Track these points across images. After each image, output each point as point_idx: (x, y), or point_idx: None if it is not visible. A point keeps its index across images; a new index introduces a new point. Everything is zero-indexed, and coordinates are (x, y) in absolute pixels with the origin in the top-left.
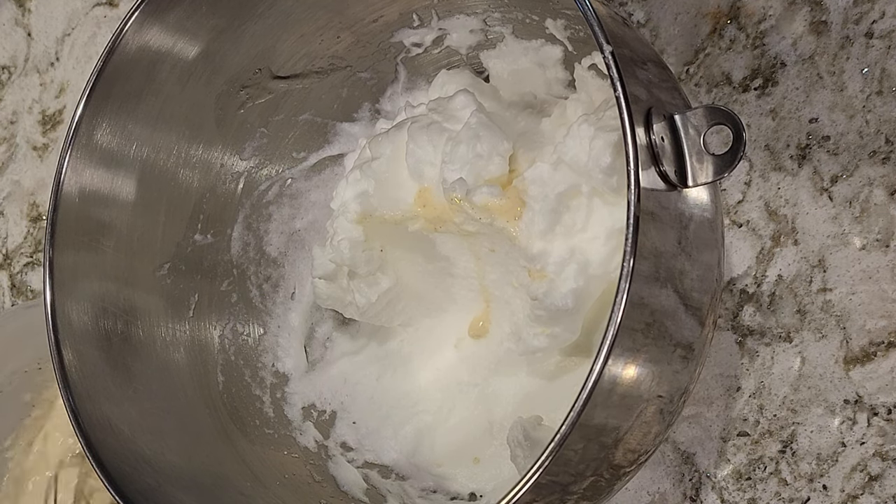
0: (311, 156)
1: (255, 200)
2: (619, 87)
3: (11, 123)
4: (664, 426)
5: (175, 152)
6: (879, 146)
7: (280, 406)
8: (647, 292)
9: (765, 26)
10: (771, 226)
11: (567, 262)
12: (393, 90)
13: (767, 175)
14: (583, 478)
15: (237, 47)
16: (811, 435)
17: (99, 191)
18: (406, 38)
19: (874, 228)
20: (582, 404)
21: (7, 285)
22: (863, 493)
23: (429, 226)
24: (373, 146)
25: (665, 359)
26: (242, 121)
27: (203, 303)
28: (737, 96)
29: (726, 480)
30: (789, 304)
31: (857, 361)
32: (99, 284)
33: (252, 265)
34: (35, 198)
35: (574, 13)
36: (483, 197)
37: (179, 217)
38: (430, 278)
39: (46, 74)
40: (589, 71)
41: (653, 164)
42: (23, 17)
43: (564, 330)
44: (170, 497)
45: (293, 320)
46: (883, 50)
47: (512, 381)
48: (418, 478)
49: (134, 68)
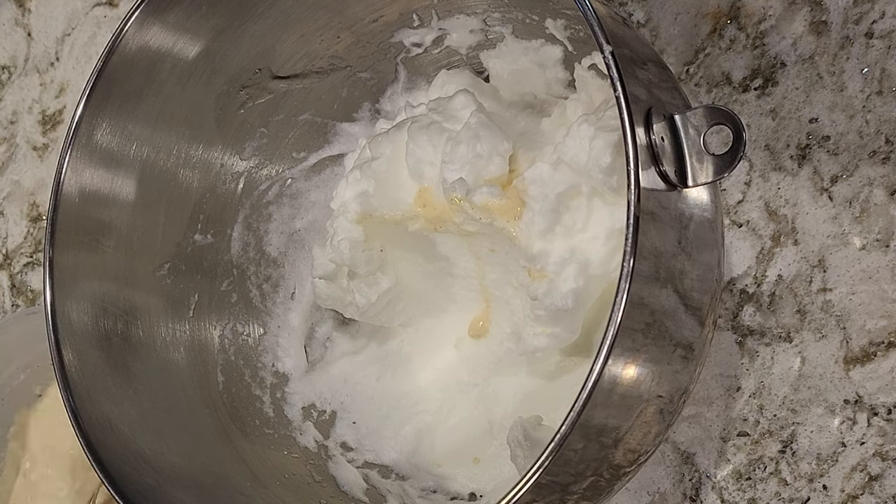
0: (311, 156)
1: (255, 200)
2: (619, 87)
3: (11, 123)
4: (664, 426)
5: (175, 152)
6: (879, 146)
7: (280, 406)
8: (647, 292)
9: (765, 26)
10: (771, 226)
11: (567, 262)
12: (393, 90)
13: (767, 175)
14: (583, 478)
15: (237, 47)
16: (811, 435)
17: (99, 191)
18: (406, 38)
19: (874, 228)
20: (582, 404)
21: (7, 285)
22: (863, 493)
23: (429, 226)
24: (373, 146)
25: (665, 359)
26: (242, 121)
27: (203, 303)
28: (737, 96)
29: (726, 480)
30: (789, 304)
31: (857, 361)
32: (99, 284)
33: (252, 265)
34: (35, 198)
35: (574, 13)
36: (483, 197)
37: (179, 217)
38: (430, 278)
39: (46, 74)
40: (589, 71)
41: (653, 164)
42: (23, 17)
43: (564, 330)
44: (170, 497)
45: (293, 320)
46: (883, 50)
47: (512, 381)
48: (418, 478)
49: (134, 68)
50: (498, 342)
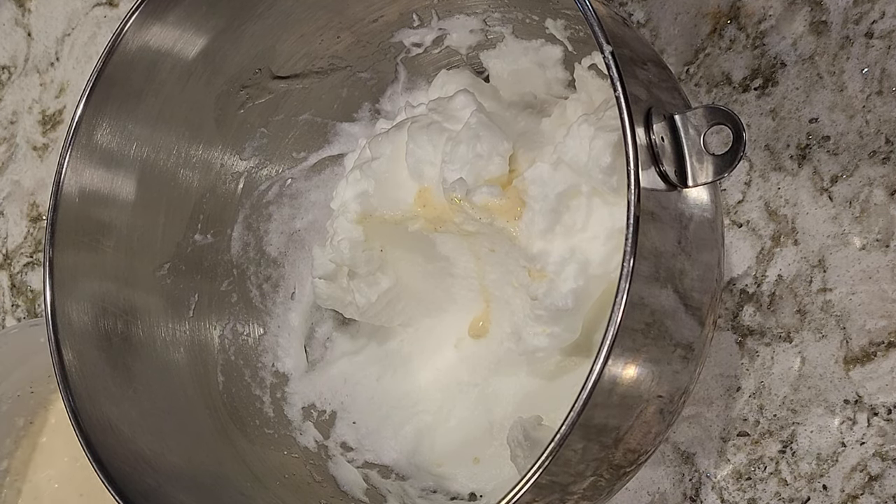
0: (311, 156)
1: (255, 200)
2: (618, 86)
3: (11, 123)
4: (664, 426)
5: (175, 152)
6: (879, 146)
7: (280, 406)
8: (647, 292)
9: (765, 26)
10: (771, 226)
11: (567, 261)
12: (393, 90)
13: (767, 175)
14: (583, 478)
15: (237, 47)
16: (811, 435)
17: (99, 191)
18: (406, 38)
19: (874, 228)
20: (582, 404)
21: (7, 285)
22: (863, 493)
23: (429, 226)
24: (373, 146)
25: (665, 359)
26: (242, 121)
27: (203, 303)
28: (737, 96)
29: (726, 480)
30: (789, 304)
31: (857, 361)
32: (99, 284)
33: (252, 265)
34: (35, 198)
35: (574, 13)
36: (483, 197)
37: (179, 217)
38: (430, 278)
39: (46, 74)
40: (589, 71)
41: (653, 163)
42: (23, 17)
43: (564, 330)
44: (170, 497)
45: (293, 320)
46: (883, 50)
47: (512, 381)
48: (418, 478)
49: (134, 68)
50: (498, 342)
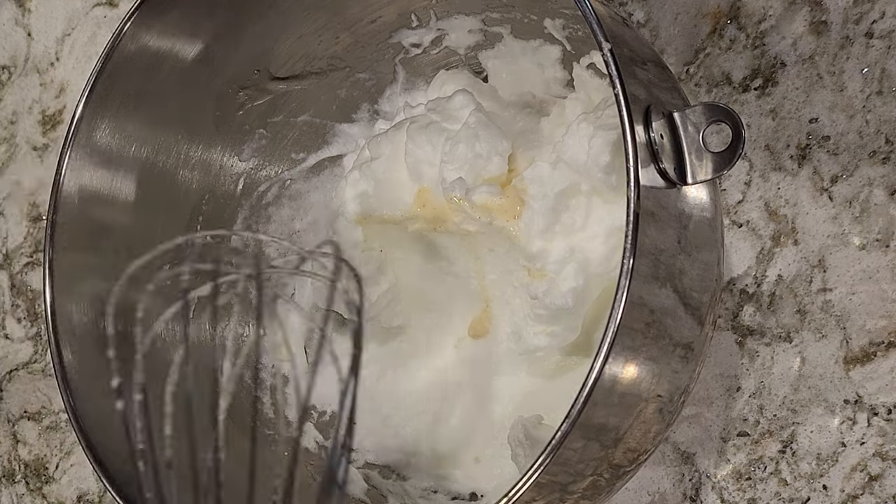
0: (310, 157)
1: (254, 201)
2: (617, 84)
3: (11, 123)
4: (664, 426)
5: (175, 153)
6: (879, 146)
7: (280, 407)
8: (646, 291)
9: (765, 26)
10: (771, 226)
11: (567, 260)
12: (392, 91)
13: (767, 175)
14: (583, 477)
15: (236, 48)
16: (811, 435)
17: (99, 191)
18: (404, 38)
19: (874, 228)
20: (582, 403)
21: (7, 285)
22: (863, 493)
23: (428, 226)
24: (372, 147)
25: (665, 358)
26: (241, 122)
27: (203, 303)
28: (737, 96)
29: (726, 480)
30: (789, 304)
31: (857, 361)
32: (99, 284)
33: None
34: (35, 198)
35: (572, 13)
36: (482, 196)
37: (179, 217)
38: (430, 278)
39: (46, 74)
40: (587, 70)
41: (652, 161)
42: (23, 17)
43: (564, 329)
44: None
45: (293, 321)
46: (883, 50)
47: (512, 381)
48: (419, 478)
49: (134, 68)
50: (498, 342)
